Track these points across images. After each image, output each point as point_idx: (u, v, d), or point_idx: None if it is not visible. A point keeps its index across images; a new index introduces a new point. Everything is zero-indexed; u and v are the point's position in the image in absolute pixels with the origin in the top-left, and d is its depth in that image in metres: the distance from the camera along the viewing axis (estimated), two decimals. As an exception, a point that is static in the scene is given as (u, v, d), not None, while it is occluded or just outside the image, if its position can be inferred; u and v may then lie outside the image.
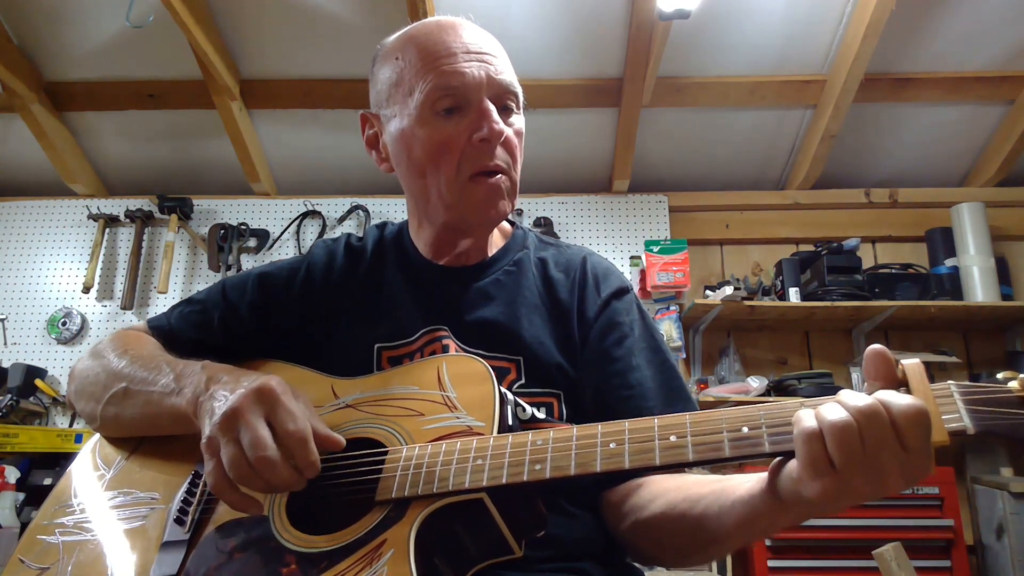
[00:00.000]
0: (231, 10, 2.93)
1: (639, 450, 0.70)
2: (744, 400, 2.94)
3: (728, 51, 3.05)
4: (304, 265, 1.10)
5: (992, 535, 2.81)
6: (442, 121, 0.94)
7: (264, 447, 0.73)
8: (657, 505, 0.85)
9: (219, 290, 1.10)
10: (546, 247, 1.11)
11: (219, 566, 0.79)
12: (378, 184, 3.57)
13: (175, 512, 0.86)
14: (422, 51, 0.96)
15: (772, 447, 0.66)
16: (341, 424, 0.87)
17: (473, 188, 0.95)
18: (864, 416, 0.60)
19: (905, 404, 0.60)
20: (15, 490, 2.83)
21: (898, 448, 0.59)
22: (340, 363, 0.98)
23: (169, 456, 0.95)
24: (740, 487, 0.73)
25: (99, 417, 0.98)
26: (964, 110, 3.25)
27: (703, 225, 3.50)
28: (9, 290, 3.49)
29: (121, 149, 3.52)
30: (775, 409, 0.68)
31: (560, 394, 0.97)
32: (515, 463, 0.73)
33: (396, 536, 0.73)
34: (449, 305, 1.02)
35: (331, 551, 0.75)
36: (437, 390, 0.86)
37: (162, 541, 0.84)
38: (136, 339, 1.05)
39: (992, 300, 3.06)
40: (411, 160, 0.97)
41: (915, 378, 0.65)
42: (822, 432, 0.61)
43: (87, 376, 1.01)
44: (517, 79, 1.00)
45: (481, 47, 0.96)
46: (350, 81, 3.21)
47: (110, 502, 0.92)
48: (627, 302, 1.04)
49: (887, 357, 0.66)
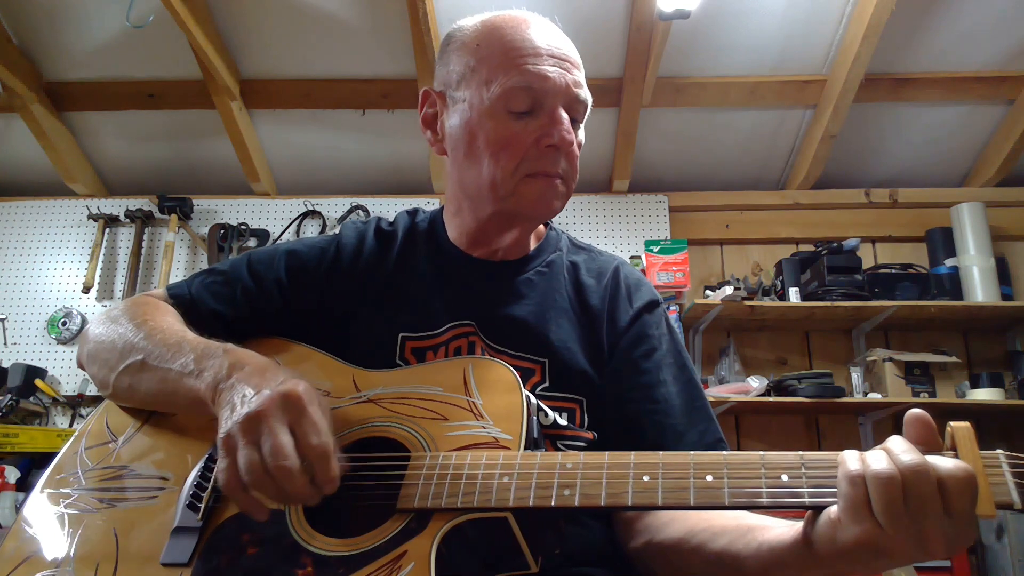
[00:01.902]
0: (231, 10, 2.93)
1: (674, 487, 0.68)
2: (744, 400, 2.94)
3: (728, 51, 3.05)
4: (334, 245, 1.06)
5: (992, 535, 2.81)
6: (513, 119, 0.93)
7: (285, 456, 0.71)
8: (675, 529, 0.83)
9: (244, 263, 1.06)
10: (579, 251, 1.10)
11: (232, 559, 0.77)
12: (378, 184, 3.57)
13: (187, 497, 0.83)
14: (506, 44, 0.94)
15: (812, 499, 0.64)
16: (362, 420, 0.86)
17: (530, 183, 0.94)
18: (911, 472, 0.58)
19: (953, 467, 0.58)
20: (15, 490, 2.83)
21: (941, 512, 0.58)
22: (362, 349, 0.96)
23: (183, 432, 0.92)
24: (769, 530, 0.72)
25: (112, 385, 0.94)
26: (964, 110, 3.25)
27: (703, 225, 3.50)
28: (9, 290, 3.48)
29: (121, 149, 3.52)
30: (817, 459, 0.66)
31: (583, 401, 0.95)
32: (543, 485, 0.71)
33: (417, 549, 0.71)
34: (478, 299, 1.00)
35: (349, 557, 0.73)
36: (463, 394, 0.84)
37: (173, 526, 0.81)
38: (155, 308, 1.00)
39: (992, 300, 3.06)
40: (472, 148, 0.96)
41: (964, 443, 0.62)
42: (865, 477, 0.60)
43: (102, 341, 0.97)
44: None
45: (566, 53, 0.96)
46: (350, 81, 3.21)
47: (119, 476, 0.89)
48: (658, 315, 1.03)
49: (928, 423, 0.63)
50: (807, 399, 2.91)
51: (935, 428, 0.64)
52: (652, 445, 0.92)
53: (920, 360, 3.11)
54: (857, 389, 3.09)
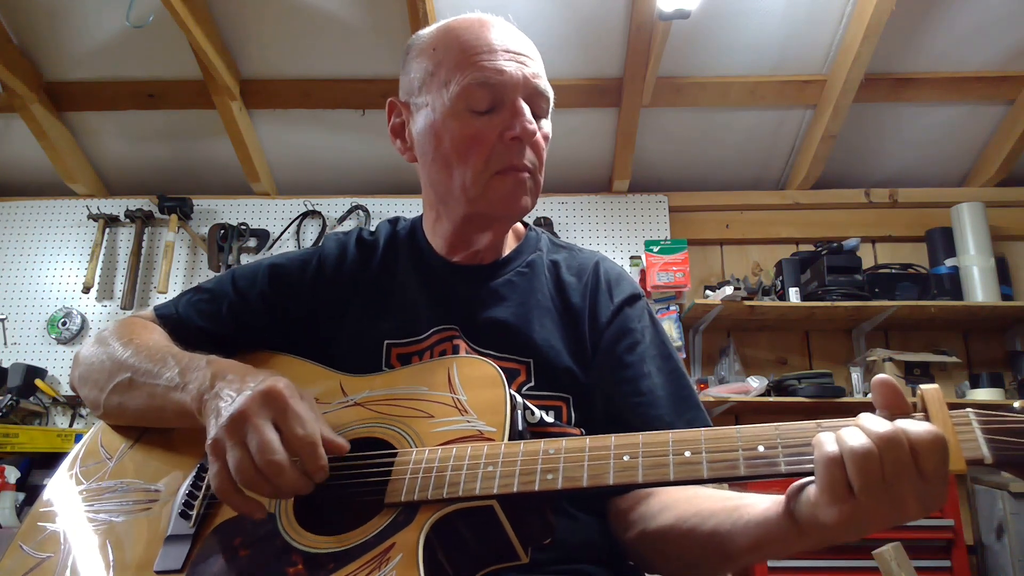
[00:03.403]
0: (231, 10, 2.93)
1: (653, 464, 0.69)
2: (744, 400, 2.94)
3: (728, 51, 3.05)
4: (316, 257, 1.08)
5: (992, 535, 2.81)
6: (475, 116, 0.94)
7: (272, 451, 0.72)
8: (666, 517, 0.84)
9: (229, 279, 1.08)
10: (559, 250, 1.11)
11: (224, 563, 0.78)
12: (378, 184, 3.57)
13: (179, 505, 0.85)
14: (462, 45, 0.95)
15: (788, 467, 0.65)
16: (349, 422, 0.87)
17: (499, 181, 0.94)
18: (884, 442, 0.59)
19: (923, 431, 0.60)
20: (15, 490, 2.83)
21: (915, 475, 0.59)
22: (349, 358, 0.97)
23: (173, 447, 0.94)
24: (755, 507, 0.73)
25: (102, 405, 0.97)
26: (964, 110, 3.25)
27: (703, 225, 3.50)
28: (9, 290, 3.49)
29: (121, 149, 3.52)
30: (792, 429, 0.67)
31: (569, 398, 0.96)
32: (527, 471, 0.72)
33: (405, 540, 0.72)
34: (461, 304, 1.01)
35: (338, 552, 0.74)
36: (447, 392, 0.85)
37: (166, 535, 0.83)
38: (143, 327, 1.03)
39: (992, 300, 3.06)
40: (438, 152, 0.97)
41: (933, 404, 0.64)
42: (843, 457, 0.61)
43: (92, 363, 1.00)
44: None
45: (520, 48, 0.96)
46: (350, 81, 3.21)
47: (113, 491, 0.91)
48: (639, 308, 1.03)
49: (894, 386, 0.66)
50: (807, 399, 2.92)
51: (901, 392, 0.65)
52: None
53: (920, 360, 3.11)
54: (857, 389, 3.09)
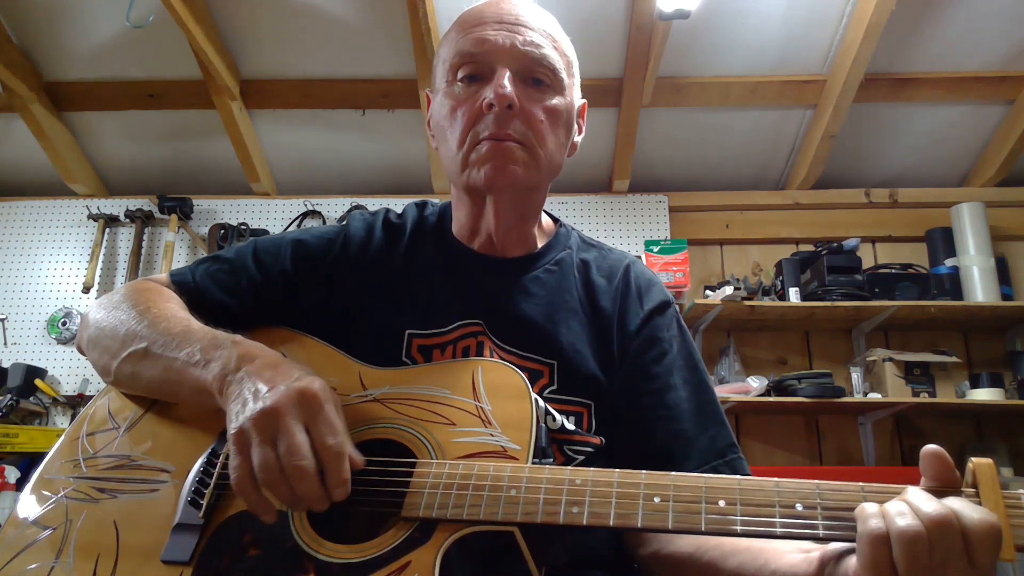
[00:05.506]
0: (231, 10, 2.93)
1: (684, 510, 0.67)
2: (744, 400, 2.94)
3: (728, 51, 3.05)
4: (341, 236, 1.04)
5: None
6: (461, 87, 0.93)
7: (301, 456, 0.69)
8: (685, 544, 0.82)
9: (250, 252, 1.02)
10: (589, 248, 1.08)
11: (233, 560, 0.76)
12: (378, 184, 3.57)
13: (189, 492, 0.81)
14: (460, 22, 0.96)
15: (826, 532, 0.63)
16: (368, 420, 0.84)
17: (480, 149, 0.91)
18: (935, 525, 0.57)
19: (977, 519, 0.57)
20: (15, 490, 2.83)
21: (965, 564, 0.57)
22: (367, 344, 0.93)
23: (185, 423, 0.90)
24: (782, 557, 0.71)
25: (113, 372, 0.92)
26: (964, 110, 3.25)
27: (703, 225, 3.50)
28: (9, 290, 3.49)
29: (121, 149, 3.52)
30: (833, 490, 0.65)
31: (591, 405, 0.94)
32: (551, 501, 0.70)
33: (421, 560, 0.70)
34: (487, 297, 0.97)
35: (352, 564, 0.72)
36: (471, 399, 0.82)
37: (174, 522, 0.80)
38: (158, 294, 0.97)
39: (992, 300, 3.06)
40: (438, 129, 0.97)
41: (986, 484, 0.61)
42: (889, 536, 0.58)
43: (103, 327, 0.94)
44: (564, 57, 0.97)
45: (518, 18, 0.94)
46: (350, 81, 3.21)
47: (120, 466, 0.87)
48: (668, 317, 1.01)
49: (946, 459, 0.62)
50: (807, 399, 2.91)
51: (952, 464, 0.62)
52: (662, 450, 0.91)
53: (920, 360, 3.11)
54: (857, 389, 3.09)
